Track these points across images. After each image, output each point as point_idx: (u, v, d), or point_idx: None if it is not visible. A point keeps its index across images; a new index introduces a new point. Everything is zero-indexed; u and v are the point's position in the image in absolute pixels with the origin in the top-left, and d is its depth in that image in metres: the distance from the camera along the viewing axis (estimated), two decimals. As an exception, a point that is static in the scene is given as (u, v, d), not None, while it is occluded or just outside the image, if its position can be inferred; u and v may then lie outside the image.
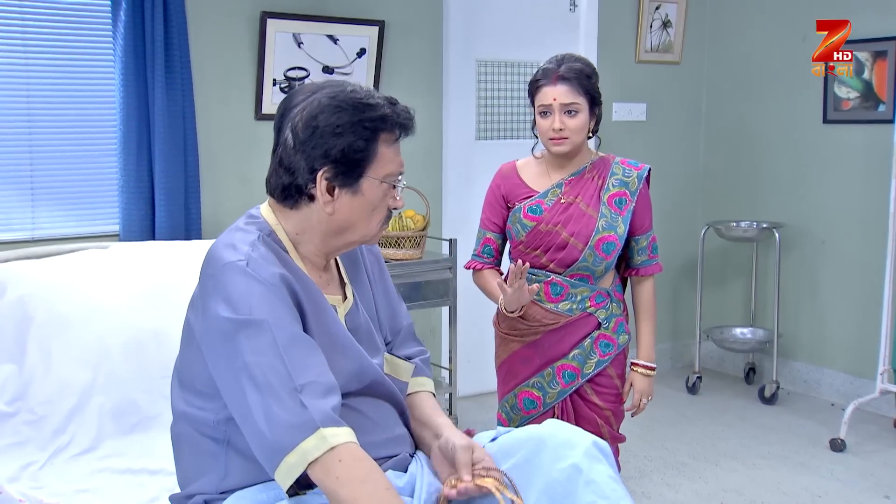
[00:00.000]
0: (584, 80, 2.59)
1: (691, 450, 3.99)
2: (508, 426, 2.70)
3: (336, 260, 1.90)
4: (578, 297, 2.67)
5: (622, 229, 2.65)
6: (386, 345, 1.98)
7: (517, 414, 2.75)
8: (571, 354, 2.69)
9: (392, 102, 1.73)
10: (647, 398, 2.76)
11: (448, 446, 1.78)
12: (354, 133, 1.67)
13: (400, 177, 1.77)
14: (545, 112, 2.59)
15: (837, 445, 3.94)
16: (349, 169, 1.69)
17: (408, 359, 1.99)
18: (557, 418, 2.69)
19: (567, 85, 2.56)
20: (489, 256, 2.78)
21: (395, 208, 1.79)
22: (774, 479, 3.66)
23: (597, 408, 2.73)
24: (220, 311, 1.60)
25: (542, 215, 2.64)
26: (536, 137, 2.69)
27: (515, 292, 2.50)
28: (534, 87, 2.62)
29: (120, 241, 3.47)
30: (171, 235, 3.50)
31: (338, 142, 1.67)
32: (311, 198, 1.72)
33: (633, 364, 2.77)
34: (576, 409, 2.73)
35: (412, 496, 1.76)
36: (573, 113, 2.57)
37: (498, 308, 2.76)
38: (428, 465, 1.84)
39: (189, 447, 1.78)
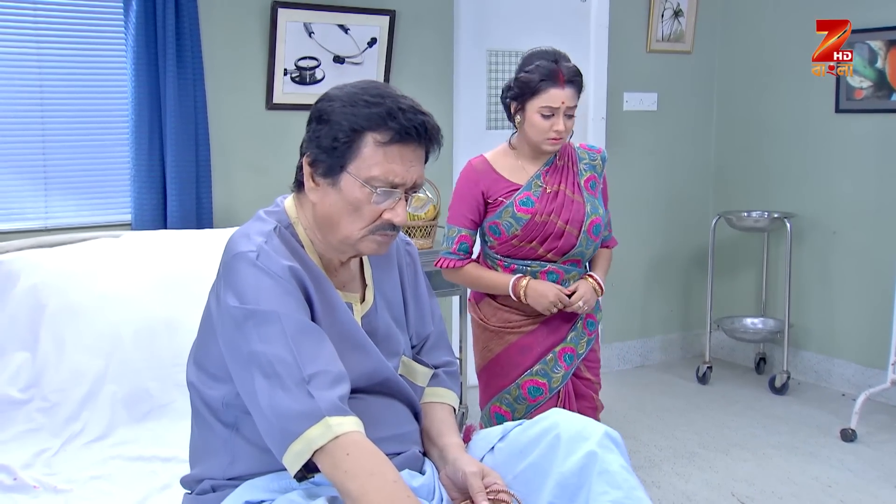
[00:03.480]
0: (581, 81, 2.66)
1: (701, 439, 3.98)
2: (512, 417, 2.74)
3: (362, 260, 1.88)
4: (571, 283, 2.75)
5: (601, 211, 2.77)
6: (412, 349, 1.96)
7: (522, 403, 2.76)
8: (569, 337, 2.78)
9: (402, 108, 1.65)
10: (586, 306, 2.72)
11: (458, 475, 1.76)
12: (338, 124, 1.65)
13: (394, 188, 1.67)
14: (549, 114, 2.60)
15: (848, 435, 3.93)
16: (328, 158, 1.67)
17: (434, 368, 1.97)
18: (562, 401, 2.76)
19: (573, 88, 2.62)
20: (465, 254, 2.76)
21: (391, 221, 1.70)
22: (785, 468, 3.65)
23: (590, 382, 2.86)
24: (229, 301, 1.62)
25: (534, 207, 2.66)
26: (515, 128, 2.72)
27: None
28: (535, 86, 2.59)
29: (132, 230, 3.47)
30: (182, 225, 3.51)
31: (322, 128, 1.67)
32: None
33: (588, 274, 2.79)
34: (574, 389, 2.81)
35: (430, 499, 1.75)
36: (571, 115, 2.64)
37: (482, 305, 2.82)
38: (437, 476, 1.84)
39: (200, 422, 1.80)
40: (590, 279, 2.76)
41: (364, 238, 1.71)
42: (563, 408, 2.67)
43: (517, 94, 2.64)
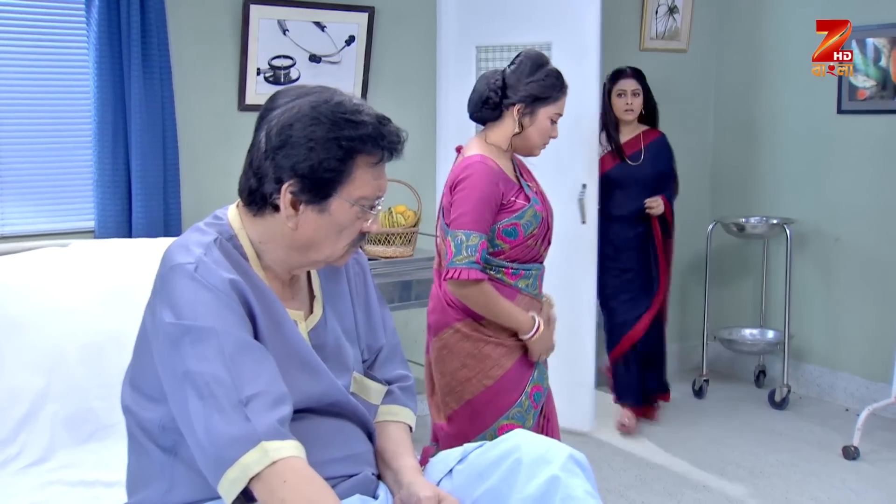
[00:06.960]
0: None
1: (695, 457, 3.88)
2: (522, 427, 2.64)
3: (308, 272, 1.82)
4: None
5: None
6: (363, 363, 1.90)
7: (531, 412, 2.73)
8: None
9: (381, 122, 1.63)
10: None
11: (412, 500, 1.71)
12: (327, 150, 1.58)
13: (377, 201, 1.67)
14: (556, 120, 2.74)
15: (851, 453, 3.84)
16: (317, 186, 1.60)
17: (387, 383, 1.90)
18: (547, 399, 2.80)
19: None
20: (483, 264, 2.60)
21: (370, 231, 1.70)
22: (783, 488, 3.56)
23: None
24: (164, 317, 1.56)
25: (541, 204, 2.73)
26: (521, 128, 2.70)
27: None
28: (557, 94, 2.72)
29: (95, 238, 3.38)
30: (149, 232, 3.41)
31: (308, 156, 1.58)
32: (276, 208, 1.64)
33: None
34: None
35: None
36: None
37: (487, 321, 2.65)
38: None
39: (136, 448, 1.74)
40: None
41: (345, 254, 1.71)
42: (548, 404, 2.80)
43: (532, 98, 2.66)
